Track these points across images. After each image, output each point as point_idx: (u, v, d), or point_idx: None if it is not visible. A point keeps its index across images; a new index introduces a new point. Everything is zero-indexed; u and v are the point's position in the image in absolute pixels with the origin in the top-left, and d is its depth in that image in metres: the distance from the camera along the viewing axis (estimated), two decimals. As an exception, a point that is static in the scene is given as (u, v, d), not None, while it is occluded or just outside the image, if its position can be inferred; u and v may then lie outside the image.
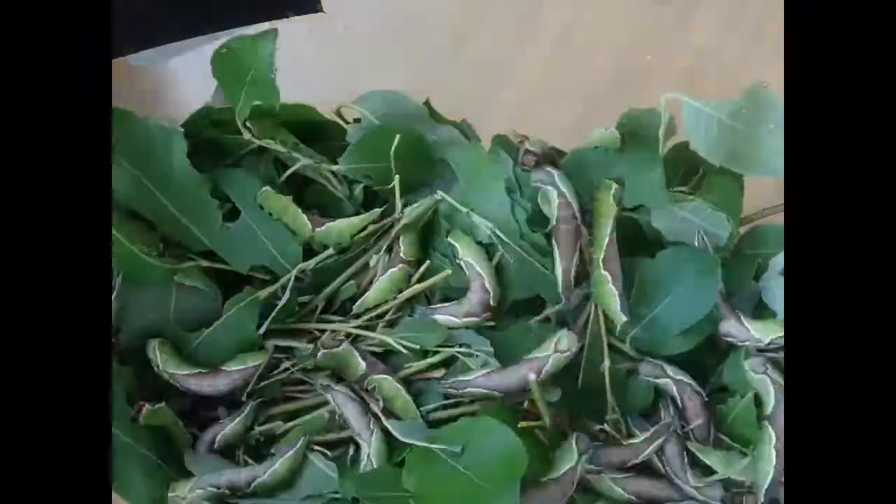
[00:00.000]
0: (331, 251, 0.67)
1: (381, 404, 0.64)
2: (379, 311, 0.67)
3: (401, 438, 0.63)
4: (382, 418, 0.64)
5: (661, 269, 0.64)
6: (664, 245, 0.65)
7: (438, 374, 0.65)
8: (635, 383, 0.66)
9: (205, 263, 0.67)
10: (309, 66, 0.95)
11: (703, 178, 0.68)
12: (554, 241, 0.63)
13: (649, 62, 0.94)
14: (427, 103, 0.71)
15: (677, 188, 0.67)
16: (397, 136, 0.65)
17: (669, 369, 0.64)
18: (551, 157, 0.65)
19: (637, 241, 0.66)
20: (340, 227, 0.66)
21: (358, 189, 0.68)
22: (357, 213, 0.68)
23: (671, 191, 0.65)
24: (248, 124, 0.66)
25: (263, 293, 0.66)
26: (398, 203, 0.66)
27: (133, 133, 0.63)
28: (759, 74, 0.91)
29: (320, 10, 0.83)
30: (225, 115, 0.68)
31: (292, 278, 0.66)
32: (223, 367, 0.65)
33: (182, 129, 0.65)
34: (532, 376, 0.61)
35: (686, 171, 0.69)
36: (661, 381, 0.65)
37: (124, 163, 0.63)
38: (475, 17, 0.97)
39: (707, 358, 0.67)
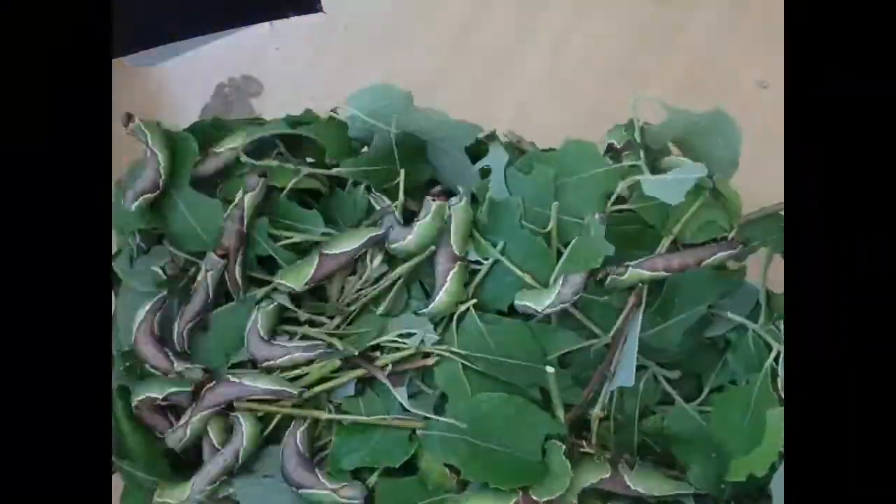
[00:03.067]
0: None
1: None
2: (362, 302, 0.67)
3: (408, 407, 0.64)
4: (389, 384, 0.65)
5: (687, 290, 0.65)
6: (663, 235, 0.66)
7: (431, 361, 0.65)
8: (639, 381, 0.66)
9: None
10: (309, 66, 0.95)
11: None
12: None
13: (649, 62, 0.94)
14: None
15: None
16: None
17: None
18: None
19: (638, 235, 0.67)
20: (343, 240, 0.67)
21: (361, 191, 0.69)
22: (359, 221, 0.69)
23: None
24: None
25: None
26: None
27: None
28: (759, 74, 0.91)
29: (320, 10, 0.83)
30: (225, 125, 0.70)
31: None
32: None
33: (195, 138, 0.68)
34: None
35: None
36: None
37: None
38: (475, 17, 0.97)
39: (701, 360, 0.67)
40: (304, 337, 0.67)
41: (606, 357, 0.65)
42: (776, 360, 0.64)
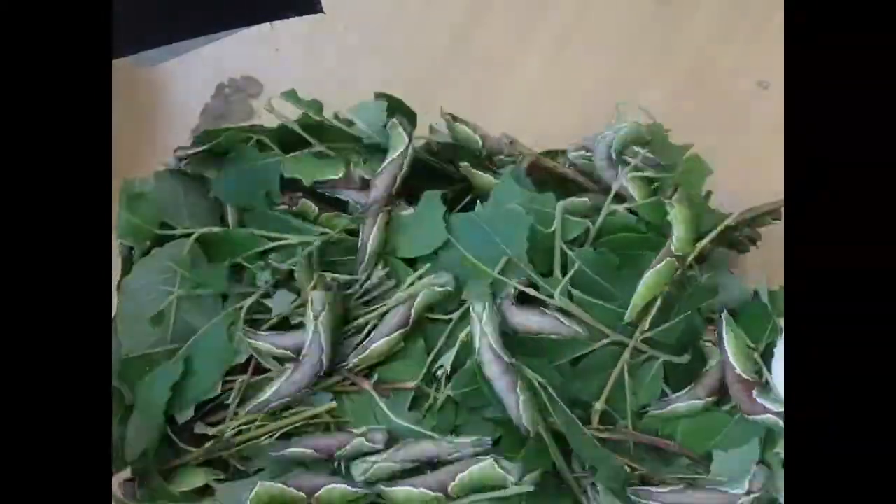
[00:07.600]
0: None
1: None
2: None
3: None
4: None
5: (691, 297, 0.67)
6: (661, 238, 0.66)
7: None
8: (646, 374, 0.67)
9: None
10: (309, 66, 0.95)
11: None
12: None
13: (649, 62, 0.94)
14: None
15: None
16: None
17: None
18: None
19: (635, 240, 0.67)
20: None
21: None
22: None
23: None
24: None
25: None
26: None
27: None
28: (759, 74, 0.91)
29: (320, 10, 0.83)
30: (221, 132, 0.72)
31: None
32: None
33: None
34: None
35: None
36: None
37: None
38: (475, 17, 0.97)
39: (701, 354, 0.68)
40: None
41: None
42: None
